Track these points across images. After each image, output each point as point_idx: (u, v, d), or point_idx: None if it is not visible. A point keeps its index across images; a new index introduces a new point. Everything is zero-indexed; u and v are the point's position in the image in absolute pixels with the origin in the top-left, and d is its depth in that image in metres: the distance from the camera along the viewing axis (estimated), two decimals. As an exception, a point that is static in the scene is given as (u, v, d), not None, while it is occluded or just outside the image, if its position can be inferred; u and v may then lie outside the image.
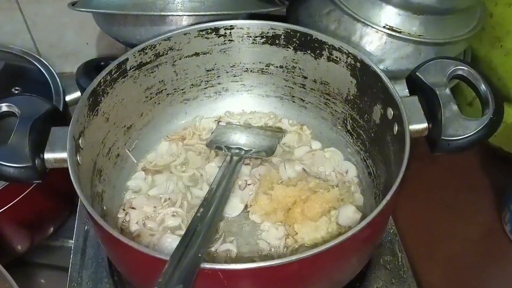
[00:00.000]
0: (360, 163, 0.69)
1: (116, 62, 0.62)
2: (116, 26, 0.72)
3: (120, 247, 0.47)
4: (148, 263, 0.46)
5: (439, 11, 0.70)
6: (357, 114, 0.67)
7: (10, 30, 0.95)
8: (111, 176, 0.66)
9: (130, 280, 0.56)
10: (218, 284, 0.45)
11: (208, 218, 0.55)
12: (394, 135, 0.57)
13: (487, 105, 0.55)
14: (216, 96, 0.76)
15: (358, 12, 0.70)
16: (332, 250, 0.44)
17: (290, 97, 0.75)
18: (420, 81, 0.57)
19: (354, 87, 0.65)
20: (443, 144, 0.54)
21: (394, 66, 0.71)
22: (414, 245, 0.70)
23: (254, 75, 0.74)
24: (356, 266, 0.55)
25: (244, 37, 0.69)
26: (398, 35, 0.69)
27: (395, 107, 0.56)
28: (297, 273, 0.46)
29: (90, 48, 1.00)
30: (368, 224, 0.45)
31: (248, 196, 0.65)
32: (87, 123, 0.59)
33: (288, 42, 0.68)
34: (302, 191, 0.63)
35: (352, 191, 0.66)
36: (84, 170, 0.57)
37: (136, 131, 0.70)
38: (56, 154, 0.54)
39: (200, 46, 0.69)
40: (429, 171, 0.80)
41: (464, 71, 0.57)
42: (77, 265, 0.65)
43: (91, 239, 0.68)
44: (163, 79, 0.70)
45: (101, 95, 0.61)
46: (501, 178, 0.78)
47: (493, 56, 0.79)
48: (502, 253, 0.71)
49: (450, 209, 0.76)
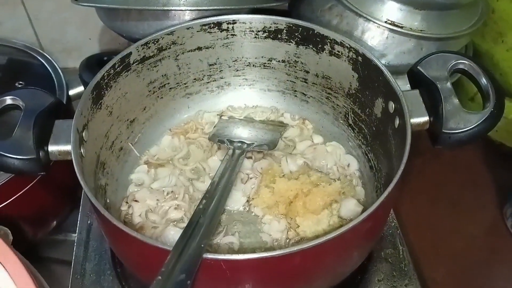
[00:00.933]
0: (362, 156, 0.69)
1: (119, 56, 0.62)
2: (119, 21, 0.72)
3: (124, 238, 0.48)
4: (151, 254, 0.47)
5: (441, 6, 0.70)
6: (359, 108, 0.67)
7: (13, 25, 0.95)
8: (114, 169, 0.66)
9: (133, 271, 0.56)
10: (221, 274, 0.45)
11: (210, 210, 0.55)
12: (396, 129, 0.57)
13: (488, 98, 0.55)
14: (218, 90, 0.76)
15: (360, 7, 0.70)
16: (333, 242, 0.44)
17: (292, 91, 0.75)
18: (421, 75, 0.57)
19: (356, 81, 0.65)
20: (444, 138, 0.54)
21: (396, 61, 0.72)
22: (418, 242, 0.70)
23: (256, 69, 0.74)
24: (357, 258, 0.55)
25: (247, 31, 0.69)
26: (400, 30, 0.69)
27: (397, 101, 0.56)
28: (299, 264, 0.46)
29: (93, 43, 1.00)
30: (369, 217, 0.46)
31: (250, 189, 0.66)
32: (91, 116, 0.59)
33: (290, 37, 0.68)
34: (304, 184, 0.63)
35: (354, 185, 0.66)
36: (88, 163, 0.58)
37: (139, 124, 0.70)
38: (60, 146, 0.54)
39: (202, 40, 0.69)
40: (432, 167, 0.80)
41: (465, 65, 0.57)
42: (80, 258, 0.66)
43: (94, 232, 0.68)
44: (166, 73, 0.70)
45: (105, 88, 0.61)
46: (504, 173, 0.78)
47: (495, 52, 0.79)
48: (506, 248, 0.71)
49: (453, 205, 0.76)
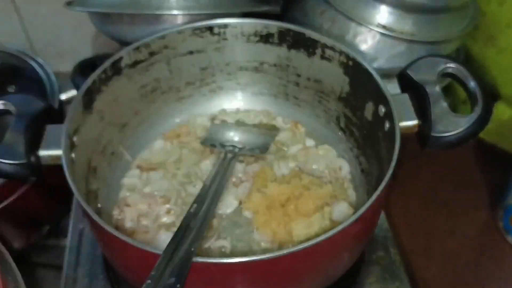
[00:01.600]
0: (353, 160, 0.69)
1: (110, 60, 0.62)
2: (112, 25, 0.73)
3: (115, 243, 0.48)
4: (143, 258, 0.47)
5: (432, 10, 0.70)
6: (350, 111, 0.67)
7: (6, 30, 0.95)
8: (106, 174, 0.66)
9: (125, 276, 0.56)
10: (211, 278, 0.46)
11: (201, 214, 0.55)
12: (386, 132, 0.58)
13: (476, 102, 0.55)
14: (211, 94, 0.76)
15: (351, 11, 0.71)
16: (323, 244, 0.44)
17: (284, 95, 0.75)
18: (410, 79, 0.58)
19: (347, 85, 0.66)
20: (433, 140, 0.55)
21: (387, 65, 0.72)
22: (410, 243, 0.70)
23: (248, 73, 0.74)
24: (348, 260, 0.55)
25: (238, 35, 0.69)
26: (391, 34, 0.70)
27: (386, 105, 0.57)
28: (290, 266, 0.47)
29: (85, 47, 1.00)
30: (359, 218, 0.46)
31: (242, 193, 0.66)
32: (82, 121, 0.59)
33: (282, 41, 0.68)
34: (295, 188, 0.63)
35: (345, 188, 0.66)
36: (79, 167, 0.58)
37: (131, 129, 0.70)
38: (51, 151, 0.54)
39: (194, 44, 0.69)
40: (425, 169, 0.81)
41: (453, 69, 0.58)
42: (72, 262, 0.65)
43: (86, 237, 0.68)
44: (158, 77, 0.70)
45: (96, 93, 0.61)
46: (496, 175, 0.78)
47: (486, 55, 0.79)
48: (497, 249, 0.71)
49: (446, 207, 0.76)
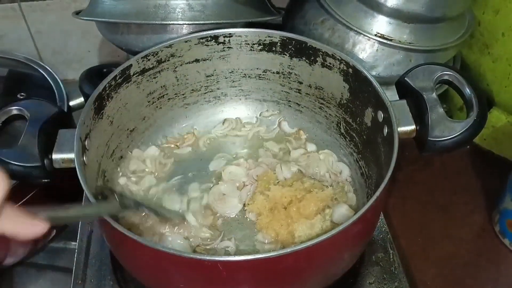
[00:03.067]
0: (353, 164, 0.71)
1: (120, 68, 0.65)
2: (119, 34, 0.74)
3: (129, 244, 0.50)
4: (158, 259, 0.49)
5: (429, 20, 0.72)
6: (350, 117, 0.69)
7: (14, 38, 0.97)
8: (114, 177, 0.68)
9: (137, 276, 0.58)
10: (218, 276, 0.47)
11: None
12: (384, 137, 0.60)
13: (472, 108, 0.57)
14: (215, 100, 0.78)
15: (351, 21, 0.73)
16: (325, 243, 0.46)
17: (287, 101, 0.77)
18: (408, 86, 0.60)
19: (347, 92, 0.68)
20: (430, 145, 0.57)
21: (386, 72, 0.74)
22: (409, 246, 0.72)
23: (252, 80, 0.76)
24: (348, 260, 0.57)
25: (242, 44, 0.71)
26: (389, 43, 0.72)
27: (385, 111, 0.59)
28: (293, 265, 0.48)
29: (92, 56, 1.02)
30: (358, 219, 0.48)
31: (246, 196, 0.68)
32: (93, 125, 0.61)
33: (284, 49, 0.70)
34: (297, 191, 0.65)
35: (346, 191, 0.68)
36: (90, 170, 0.60)
37: (138, 134, 0.73)
38: (64, 154, 0.57)
39: (200, 53, 0.71)
40: (422, 174, 0.82)
41: (450, 76, 0.60)
42: (81, 263, 0.67)
43: (94, 239, 0.70)
44: (165, 84, 0.72)
45: (106, 99, 0.64)
46: (492, 180, 0.79)
47: (482, 62, 0.81)
48: (494, 252, 0.72)
49: (443, 210, 0.77)
